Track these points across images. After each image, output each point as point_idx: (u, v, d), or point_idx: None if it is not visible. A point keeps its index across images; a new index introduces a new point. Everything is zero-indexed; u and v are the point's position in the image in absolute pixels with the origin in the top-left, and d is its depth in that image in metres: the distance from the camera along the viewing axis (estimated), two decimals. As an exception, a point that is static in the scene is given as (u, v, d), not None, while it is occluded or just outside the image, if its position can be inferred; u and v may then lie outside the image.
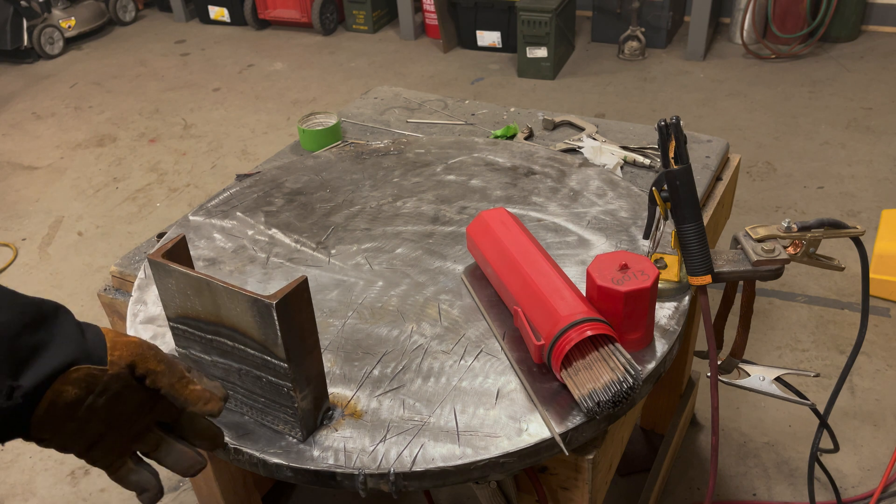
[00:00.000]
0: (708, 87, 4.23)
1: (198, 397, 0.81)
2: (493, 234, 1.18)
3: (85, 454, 0.77)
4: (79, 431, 0.75)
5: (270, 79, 4.74)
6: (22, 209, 3.50)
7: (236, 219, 1.44)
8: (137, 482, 0.80)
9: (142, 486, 0.81)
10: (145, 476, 0.81)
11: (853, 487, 1.96)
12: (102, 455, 0.78)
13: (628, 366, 0.96)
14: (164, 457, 0.82)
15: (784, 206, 3.11)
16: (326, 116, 1.91)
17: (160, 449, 0.81)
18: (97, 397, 0.74)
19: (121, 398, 0.76)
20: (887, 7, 4.70)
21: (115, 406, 0.76)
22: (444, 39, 4.88)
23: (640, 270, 1.03)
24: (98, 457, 0.78)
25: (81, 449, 0.77)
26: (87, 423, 0.75)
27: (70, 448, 0.76)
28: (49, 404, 0.71)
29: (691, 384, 2.02)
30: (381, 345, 1.12)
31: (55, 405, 0.72)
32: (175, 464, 0.82)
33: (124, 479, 0.80)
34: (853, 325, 2.46)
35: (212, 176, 3.66)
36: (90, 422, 0.75)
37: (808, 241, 1.17)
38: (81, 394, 0.73)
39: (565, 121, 1.90)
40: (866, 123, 3.74)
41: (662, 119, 1.06)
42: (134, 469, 0.80)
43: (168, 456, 0.82)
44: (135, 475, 0.80)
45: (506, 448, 0.95)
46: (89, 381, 0.73)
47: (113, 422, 0.77)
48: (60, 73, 5.01)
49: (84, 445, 0.76)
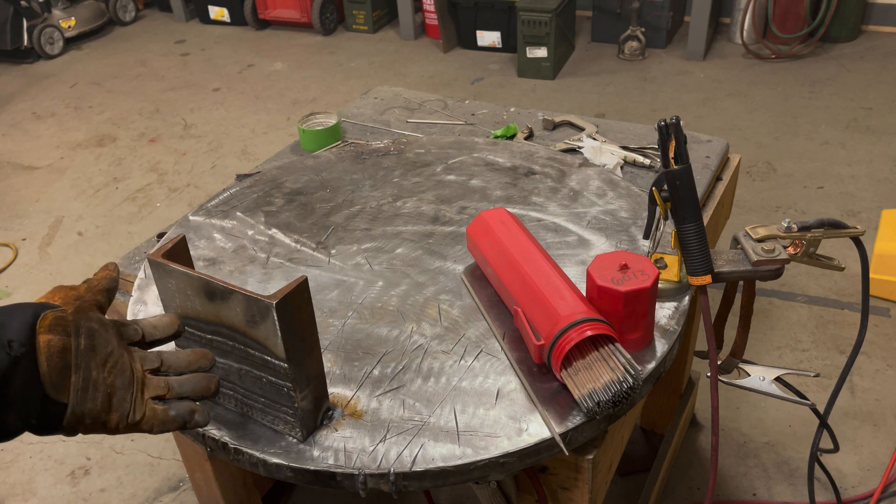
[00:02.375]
0: (708, 87, 4.23)
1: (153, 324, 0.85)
2: (493, 234, 1.18)
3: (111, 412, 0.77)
4: (88, 383, 0.76)
5: (270, 79, 4.74)
6: (22, 209, 3.50)
7: (236, 219, 1.44)
8: (179, 413, 0.81)
9: (185, 412, 0.82)
10: (180, 405, 0.82)
11: (853, 487, 1.96)
12: (128, 405, 0.78)
13: (628, 366, 0.96)
14: (181, 390, 0.82)
15: (784, 206, 3.11)
16: (326, 116, 1.91)
17: (171, 386, 0.82)
18: (77, 338, 0.76)
19: (96, 333, 0.78)
20: (887, 7, 4.70)
21: (98, 342, 0.78)
22: (444, 39, 4.88)
23: (640, 270, 1.03)
24: (125, 409, 0.78)
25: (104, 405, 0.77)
26: (88, 370, 0.76)
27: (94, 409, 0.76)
28: (47, 358, 0.74)
29: (691, 384, 2.02)
30: (381, 345, 1.12)
31: (51, 357, 0.74)
32: (195, 389, 0.83)
33: (166, 420, 0.81)
34: (853, 325, 2.46)
35: (212, 176, 3.66)
36: (91, 368, 0.76)
37: (808, 241, 1.17)
38: (64, 339, 0.75)
39: (565, 121, 1.90)
40: (866, 123, 3.74)
41: (662, 119, 1.06)
42: (165, 408, 0.81)
43: (184, 386, 0.82)
44: (171, 410, 0.81)
45: (506, 448, 0.95)
46: (62, 324, 0.76)
47: (108, 363, 0.77)
48: (60, 73, 5.01)
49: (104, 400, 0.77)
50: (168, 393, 0.81)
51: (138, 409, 0.79)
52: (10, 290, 2.93)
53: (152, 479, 2.11)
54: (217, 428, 1.01)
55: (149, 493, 2.07)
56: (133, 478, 2.12)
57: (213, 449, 1.01)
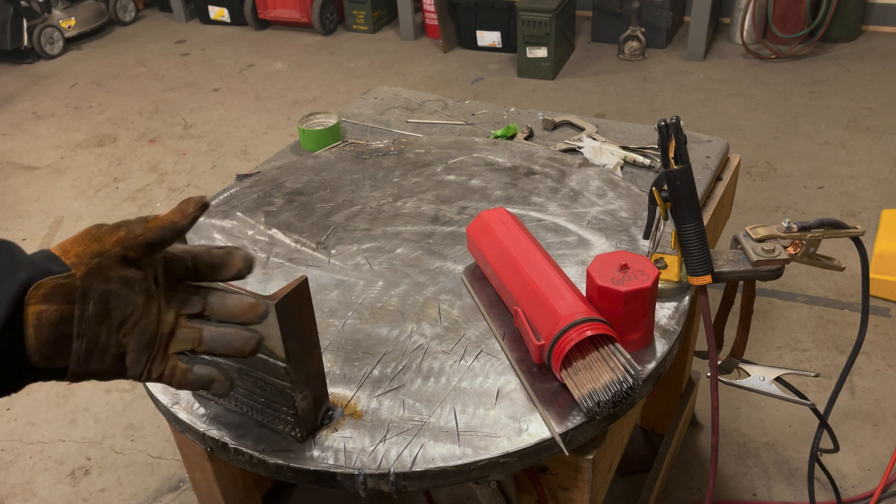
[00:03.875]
0: (708, 87, 4.23)
1: (211, 254, 0.74)
2: (493, 234, 1.18)
3: (124, 371, 0.72)
4: (93, 348, 0.69)
5: (270, 79, 4.74)
6: (22, 209, 3.50)
7: (236, 219, 1.44)
8: (200, 377, 0.74)
9: (206, 378, 0.75)
10: (205, 369, 0.75)
11: (853, 487, 1.96)
12: (142, 366, 0.72)
13: (628, 366, 0.96)
14: (211, 346, 0.74)
15: (784, 206, 3.11)
16: (326, 116, 1.91)
17: (203, 340, 0.74)
18: (84, 305, 0.68)
19: (114, 296, 0.69)
20: (887, 7, 4.70)
21: (114, 306, 0.69)
22: (444, 39, 4.88)
23: (640, 270, 1.03)
24: (139, 370, 0.72)
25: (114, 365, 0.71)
26: (95, 336, 0.69)
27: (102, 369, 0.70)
28: (35, 331, 0.66)
29: (691, 384, 2.02)
30: (381, 345, 1.12)
31: (40, 330, 0.66)
32: (227, 347, 0.74)
33: (184, 381, 0.74)
34: (853, 325, 2.46)
35: (212, 176, 3.66)
36: (98, 334, 0.69)
37: (808, 241, 1.17)
38: (63, 308, 0.67)
39: (565, 121, 1.90)
40: (866, 123, 3.74)
41: (662, 119, 1.06)
42: (187, 368, 0.74)
43: (215, 343, 0.74)
44: (192, 373, 0.74)
45: (506, 448, 0.95)
46: (62, 292, 0.67)
47: (126, 325, 0.70)
48: (60, 73, 5.01)
49: (113, 360, 0.70)
50: (198, 347, 0.74)
51: (156, 369, 0.73)
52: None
53: (152, 479, 2.11)
54: (217, 428, 1.01)
55: (149, 493, 2.07)
56: (133, 478, 2.12)
57: (213, 449, 1.01)
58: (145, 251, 0.71)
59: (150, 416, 2.29)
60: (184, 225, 0.72)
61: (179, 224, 0.72)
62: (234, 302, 0.75)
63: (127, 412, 2.32)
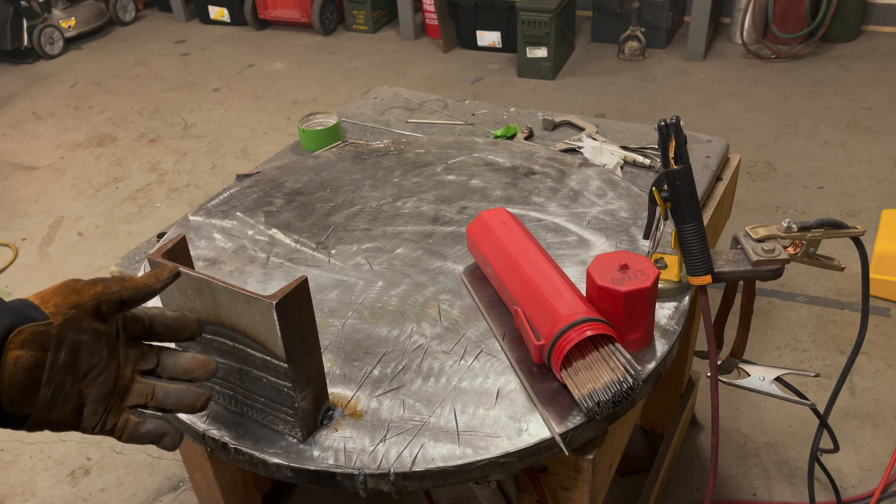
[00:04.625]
0: (708, 87, 4.23)
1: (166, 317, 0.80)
2: (493, 234, 1.18)
3: (80, 422, 0.75)
4: (57, 396, 0.72)
5: (270, 79, 4.74)
6: (22, 209, 3.50)
7: (236, 219, 1.44)
8: (150, 431, 0.78)
9: (156, 433, 0.78)
10: (155, 423, 0.78)
11: (853, 487, 1.96)
12: (98, 417, 0.75)
13: (628, 366, 0.96)
14: (164, 401, 0.78)
15: (784, 206, 3.11)
16: (326, 116, 1.91)
17: (156, 395, 0.78)
18: (56, 353, 0.71)
19: (84, 347, 0.74)
20: (887, 7, 4.70)
21: (83, 356, 0.74)
22: (444, 39, 4.88)
23: (640, 270, 1.03)
24: (94, 421, 0.75)
25: (72, 415, 0.74)
26: (61, 385, 0.72)
27: (60, 419, 0.74)
28: (10, 376, 0.69)
29: (691, 384, 2.02)
30: (381, 345, 1.12)
31: (15, 375, 0.69)
32: (178, 403, 0.79)
33: (135, 435, 0.77)
34: (853, 325, 2.46)
35: (212, 176, 3.66)
36: (64, 383, 0.72)
37: (808, 241, 1.17)
38: (38, 355, 0.70)
39: (565, 121, 1.90)
40: (866, 123, 3.74)
41: (662, 119, 1.06)
42: (139, 421, 0.77)
43: (168, 398, 0.78)
44: (144, 427, 0.77)
45: (506, 448, 0.95)
46: (39, 339, 0.71)
47: (90, 375, 0.74)
48: (60, 73, 5.01)
49: (72, 411, 0.74)
50: (150, 402, 0.78)
51: (110, 420, 0.76)
52: (10, 290, 2.93)
53: (152, 479, 2.11)
54: (217, 428, 1.01)
55: (149, 493, 2.07)
56: (133, 478, 2.12)
57: (213, 449, 1.01)
58: (117, 307, 0.76)
59: (150, 416, 2.29)
60: (156, 289, 0.79)
61: (152, 287, 0.79)
62: (187, 359, 0.81)
63: (127, 412, 2.32)
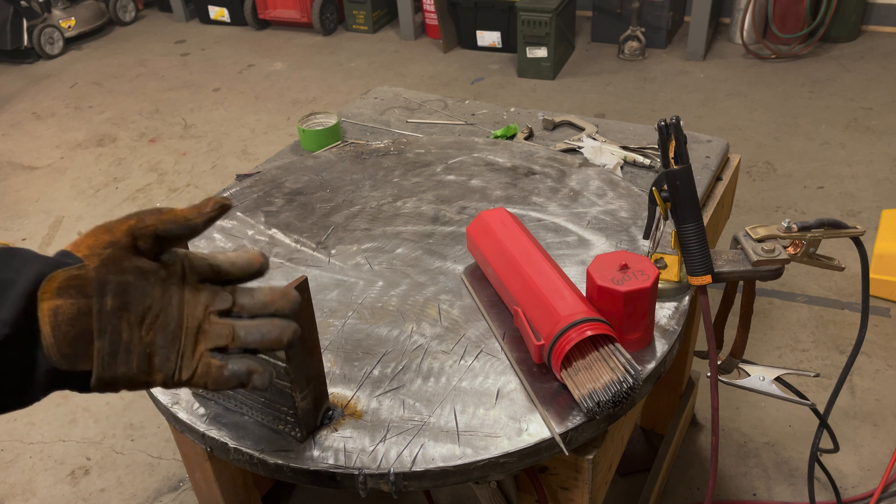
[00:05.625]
0: (708, 87, 4.23)
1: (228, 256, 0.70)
2: (493, 234, 1.18)
3: (153, 374, 0.66)
4: (117, 347, 0.64)
5: (270, 79, 4.74)
6: (22, 209, 3.50)
7: (236, 219, 1.44)
8: (236, 371, 0.68)
9: (242, 372, 0.69)
10: (239, 362, 0.69)
11: (853, 487, 1.96)
12: (173, 364, 0.67)
13: (628, 366, 0.96)
14: (246, 339, 0.69)
15: (784, 206, 3.11)
16: (326, 116, 1.91)
17: (236, 334, 0.69)
18: (101, 298, 0.64)
19: (131, 288, 0.65)
20: (887, 7, 4.70)
21: (133, 299, 0.65)
22: (444, 39, 4.88)
23: (640, 270, 1.03)
24: (169, 368, 0.66)
25: (142, 367, 0.66)
26: (117, 333, 0.64)
27: (129, 373, 0.65)
28: (52, 328, 0.62)
29: (691, 384, 2.02)
30: (381, 345, 1.12)
31: (58, 327, 0.62)
32: (264, 339, 0.69)
33: (220, 379, 0.68)
34: (853, 325, 2.46)
35: (212, 176, 3.66)
36: (121, 330, 0.64)
37: (808, 241, 1.17)
38: (80, 302, 0.63)
39: (565, 121, 1.90)
40: (866, 123, 3.74)
41: (662, 119, 1.06)
42: (221, 364, 0.68)
43: (250, 335, 0.69)
44: (228, 369, 0.68)
45: (506, 448, 0.95)
46: (76, 284, 0.63)
47: (147, 319, 0.66)
48: (60, 73, 5.01)
49: (140, 361, 0.65)
50: (231, 343, 0.68)
51: (187, 367, 0.67)
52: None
53: (152, 479, 2.11)
54: (217, 428, 1.01)
55: (149, 493, 2.07)
56: (133, 478, 2.12)
57: (213, 449, 1.01)
58: (154, 242, 0.67)
59: (150, 416, 2.29)
60: (197, 223, 0.68)
61: (193, 221, 0.68)
62: (264, 292, 0.71)
63: (127, 412, 2.32)
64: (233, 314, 0.70)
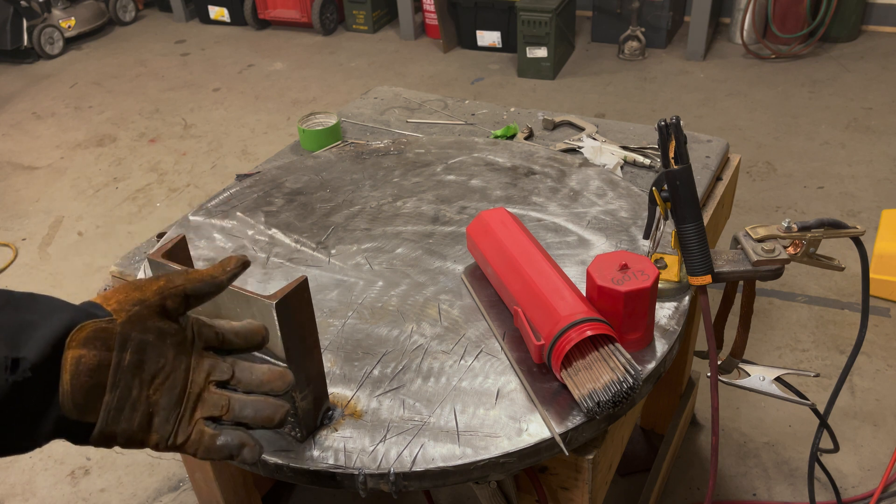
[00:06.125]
0: (708, 87, 4.23)
1: (233, 326, 0.73)
2: (493, 234, 1.18)
3: (150, 434, 0.69)
4: (125, 402, 0.66)
5: (270, 79, 4.74)
6: (22, 209, 3.50)
7: (236, 219, 1.44)
8: (227, 443, 0.71)
9: (234, 445, 0.71)
10: (232, 434, 0.71)
11: (853, 487, 1.96)
12: (170, 427, 0.69)
13: (628, 366, 0.96)
14: (240, 413, 0.72)
15: (784, 206, 3.11)
16: (326, 116, 1.91)
17: (231, 406, 0.71)
18: (122, 353, 0.66)
19: (150, 347, 0.68)
20: (887, 7, 4.70)
21: (149, 357, 0.68)
22: (444, 39, 4.88)
23: (640, 270, 1.03)
24: (166, 431, 0.69)
25: (142, 426, 0.68)
26: (128, 389, 0.66)
27: (129, 430, 0.68)
28: (72, 377, 0.64)
29: (691, 384, 2.02)
30: (381, 345, 1.12)
31: (78, 376, 0.64)
32: (256, 416, 0.72)
33: (212, 448, 0.71)
34: (853, 325, 2.46)
35: (212, 176, 3.66)
36: (131, 387, 0.67)
37: (808, 241, 1.17)
38: (102, 354, 0.65)
39: (565, 121, 1.90)
40: (866, 123, 3.74)
41: (662, 119, 1.06)
42: (215, 433, 0.71)
43: (244, 409, 0.72)
44: (220, 439, 0.71)
45: (506, 448, 0.95)
46: (102, 336, 0.65)
47: (157, 379, 0.68)
48: (60, 73, 5.02)
49: (141, 420, 0.68)
50: (225, 415, 0.71)
51: (183, 431, 0.70)
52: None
53: (152, 479, 2.11)
54: (217, 428, 1.01)
55: (149, 493, 2.07)
56: (133, 478, 2.12)
57: (213, 449, 1.01)
58: (183, 302, 0.71)
59: (150, 416, 2.29)
60: (222, 280, 0.73)
61: (219, 279, 0.73)
62: (263, 370, 0.75)
63: (127, 412, 2.32)
64: (229, 387, 0.73)
